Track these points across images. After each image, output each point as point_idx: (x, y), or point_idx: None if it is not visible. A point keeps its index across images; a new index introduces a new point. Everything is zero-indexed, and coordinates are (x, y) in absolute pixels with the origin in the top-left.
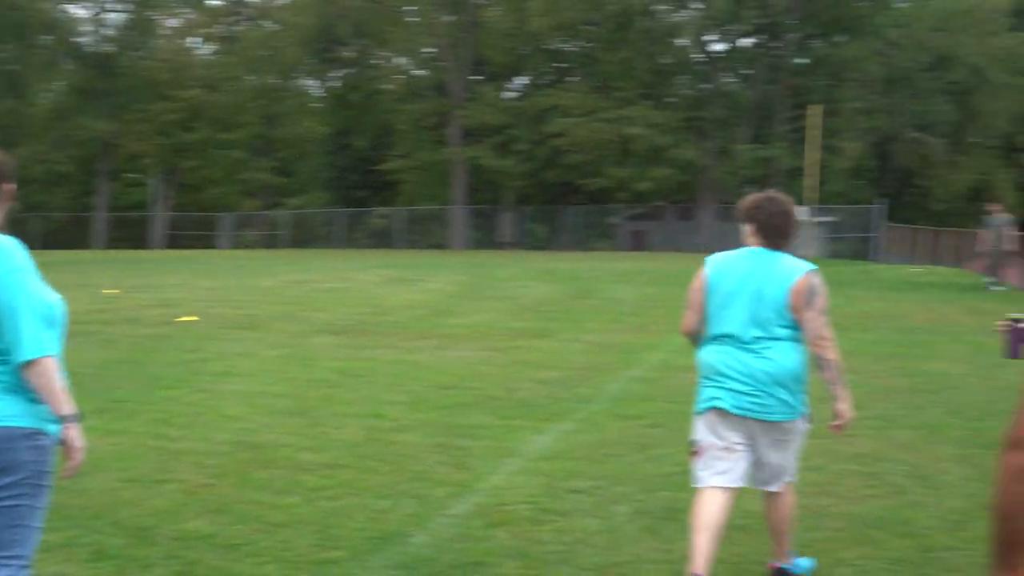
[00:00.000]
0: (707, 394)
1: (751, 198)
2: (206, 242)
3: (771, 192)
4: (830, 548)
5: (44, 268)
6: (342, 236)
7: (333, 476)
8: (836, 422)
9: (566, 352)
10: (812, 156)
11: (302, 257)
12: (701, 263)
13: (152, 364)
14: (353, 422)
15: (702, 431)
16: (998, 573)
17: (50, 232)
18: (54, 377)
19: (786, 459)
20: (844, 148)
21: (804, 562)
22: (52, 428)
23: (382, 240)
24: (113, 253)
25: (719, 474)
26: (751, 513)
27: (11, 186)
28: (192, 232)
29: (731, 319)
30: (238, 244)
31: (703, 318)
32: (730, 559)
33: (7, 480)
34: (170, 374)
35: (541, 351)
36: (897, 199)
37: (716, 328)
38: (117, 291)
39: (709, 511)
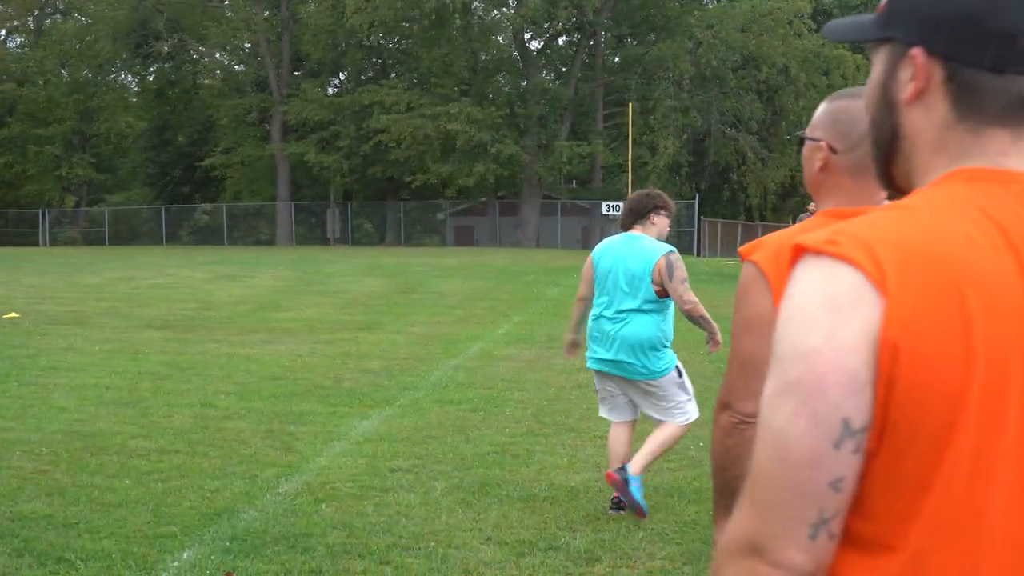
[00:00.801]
0: (588, 354)
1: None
2: (26, 239)
3: (651, 189)
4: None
5: None
6: (166, 233)
7: (165, 460)
8: (713, 348)
9: (391, 344)
10: (629, 152)
11: (126, 254)
12: (523, 257)
13: None
14: (183, 411)
15: (595, 382)
16: (718, 516)
17: None
18: None
19: (658, 406)
20: (661, 145)
21: (639, 491)
22: None
23: (207, 237)
24: None
25: (609, 411)
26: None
27: None
28: (11, 229)
29: (605, 293)
30: (59, 241)
31: (591, 290)
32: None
33: None
34: None
35: (367, 343)
36: (715, 195)
37: (596, 300)
38: None
39: (613, 438)
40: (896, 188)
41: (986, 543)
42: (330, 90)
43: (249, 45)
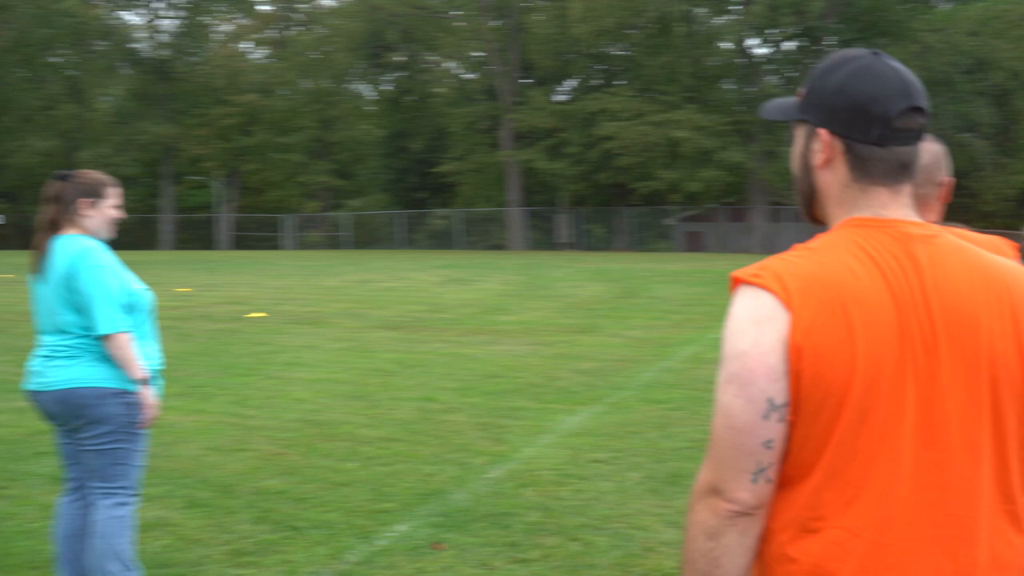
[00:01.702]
0: None
1: None
2: (270, 243)
3: None
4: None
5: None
6: (403, 237)
7: (388, 447)
8: None
9: (607, 346)
10: None
11: (364, 257)
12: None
13: (225, 355)
14: (407, 404)
15: None
16: None
17: (118, 233)
18: (127, 348)
19: None
20: None
21: None
22: (137, 388)
23: (442, 241)
24: (181, 254)
25: None
26: None
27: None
28: (256, 233)
29: None
30: (301, 245)
31: None
32: None
33: (103, 429)
34: (242, 364)
35: (584, 345)
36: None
37: None
38: (189, 289)
39: None
40: (818, 223)
41: (865, 479)
42: (558, 97)
43: (480, 54)
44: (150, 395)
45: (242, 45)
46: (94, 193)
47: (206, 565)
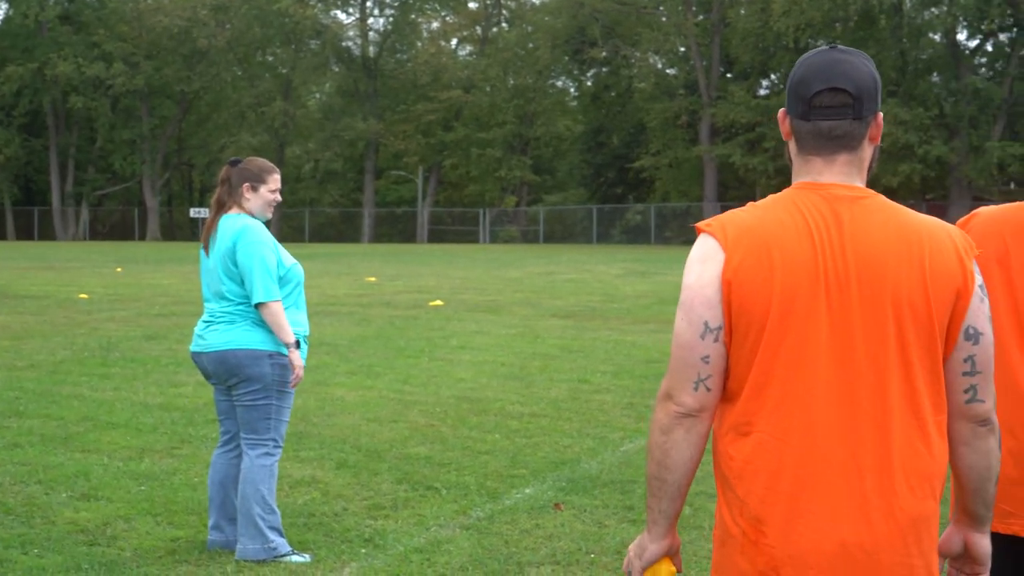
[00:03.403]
0: None
1: None
2: (467, 237)
3: None
4: None
5: (314, 258)
6: (598, 232)
7: (533, 422)
8: None
9: None
10: None
11: (555, 251)
12: None
13: (400, 339)
14: (561, 385)
15: None
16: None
17: (320, 226)
18: (280, 315)
19: None
20: None
21: None
22: (286, 351)
23: (637, 236)
24: (379, 246)
25: None
26: None
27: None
28: (453, 227)
29: None
30: (498, 239)
31: None
32: None
33: (256, 387)
34: (414, 346)
35: None
36: None
37: None
38: (375, 279)
39: None
40: None
41: (784, 393)
42: (759, 92)
43: (681, 49)
44: (297, 358)
45: (447, 43)
46: (255, 178)
47: (344, 516)
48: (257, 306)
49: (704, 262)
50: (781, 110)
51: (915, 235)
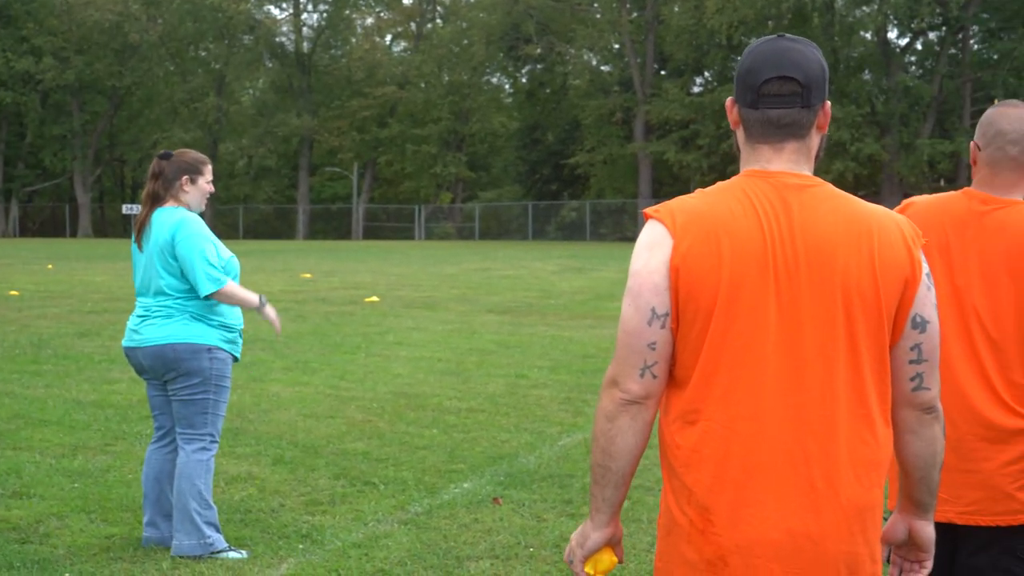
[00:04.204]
0: None
1: None
2: (402, 233)
3: None
4: None
5: (249, 255)
6: (533, 229)
7: (470, 417)
8: None
9: None
10: None
11: (490, 248)
12: None
13: (336, 335)
14: (499, 380)
15: None
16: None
17: (255, 222)
18: (235, 292)
19: None
20: None
21: None
22: (227, 346)
23: (572, 233)
24: (314, 243)
25: None
26: None
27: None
28: (389, 224)
29: None
30: (433, 235)
31: None
32: None
33: (195, 380)
34: (350, 343)
35: None
36: None
37: None
38: (311, 275)
39: None
40: None
41: (733, 381)
42: (693, 89)
43: (615, 46)
44: (271, 312)
45: (381, 39)
46: (194, 170)
47: (281, 512)
48: (207, 297)
49: (652, 248)
50: (729, 99)
51: (864, 224)
